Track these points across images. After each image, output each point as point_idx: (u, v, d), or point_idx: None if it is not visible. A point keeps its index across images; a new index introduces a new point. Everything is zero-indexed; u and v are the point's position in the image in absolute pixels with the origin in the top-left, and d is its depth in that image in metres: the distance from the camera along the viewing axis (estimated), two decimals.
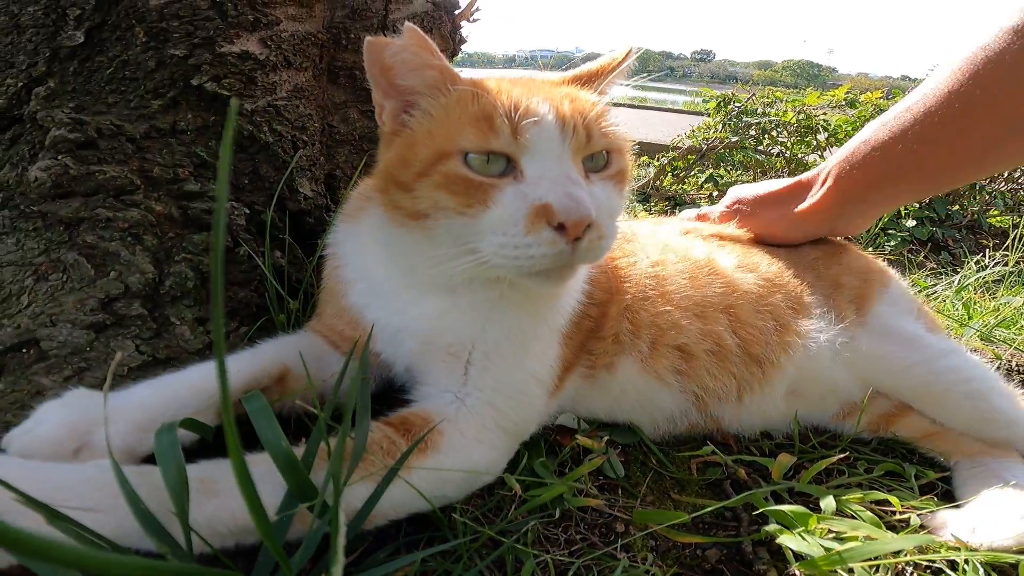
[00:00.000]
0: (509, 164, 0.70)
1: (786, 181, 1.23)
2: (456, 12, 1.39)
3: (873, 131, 1.09)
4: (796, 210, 1.18)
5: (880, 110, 4.08)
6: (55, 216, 0.92)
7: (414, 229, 0.74)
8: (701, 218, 1.29)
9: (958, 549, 0.75)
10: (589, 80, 0.84)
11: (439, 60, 0.73)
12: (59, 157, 0.93)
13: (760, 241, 1.19)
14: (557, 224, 0.65)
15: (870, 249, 3.55)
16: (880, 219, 3.93)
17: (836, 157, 1.15)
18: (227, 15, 1.04)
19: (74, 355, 0.80)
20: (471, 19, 1.42)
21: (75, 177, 0.93)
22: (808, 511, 0.75)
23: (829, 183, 1.15)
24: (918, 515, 0.84)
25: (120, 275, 0.89)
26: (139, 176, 0.98)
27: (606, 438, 0.92)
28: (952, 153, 1.01)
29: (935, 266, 3.27)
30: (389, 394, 0.96)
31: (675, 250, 1.05)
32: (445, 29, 1.36)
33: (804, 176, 1.22)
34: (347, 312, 0.87)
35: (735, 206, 1.25)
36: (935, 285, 2.49)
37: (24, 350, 0.81)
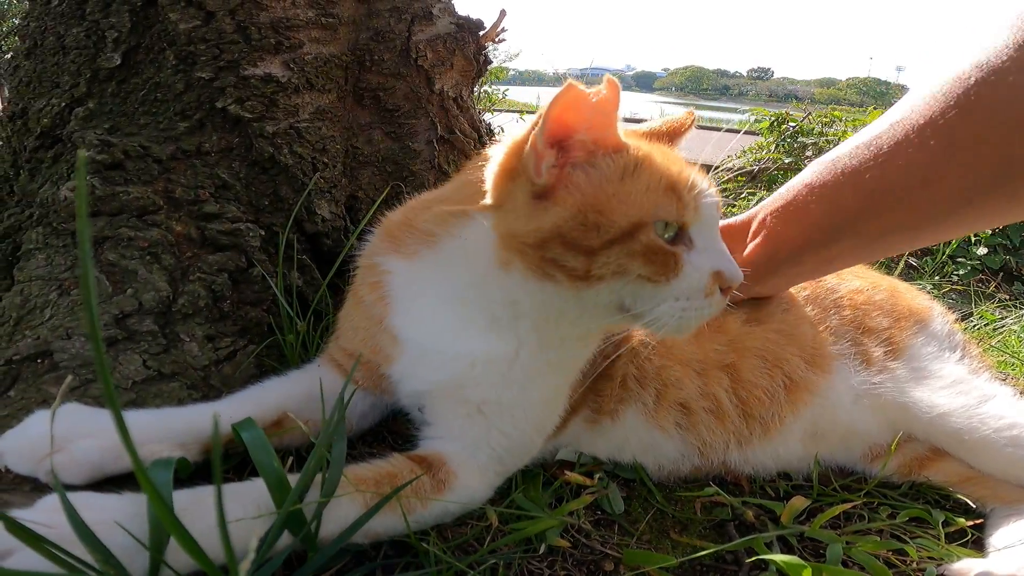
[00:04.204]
0: (678, 233, 0.73)
1: None
2: (481, 33, 1.40)
3: (818, 171, 0.88)
4: None
5: None
6: None
7: (564, 287, 0.72)
8: None
9: None
10: (676, 135, 0.90)
11: (616, 119, 0.72)
12: (87, 178, 0.98)
13: None
14: (725, 287, 0.74)
15: (936, 278, 3.37)
16: (949, 245, 3.70)
17: (772, 201, 0.95)
18: (251, 38, 1.07)
19: (83, 367, 0.83)
20: (497, 40, 1.43)
21: (101, 197, 0.97)
22: (802, 562, 0.69)
23: (761, 235, 0.95)
24: (937, 566, 0.78)
25: (136, 292, 0.92)
26: (162, 196, 1.01)
27: (598, 475, 0.89)
28: (914, 207, 0.79)
29: (1007, 297, 3.07)
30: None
31: None
32: (469, 50, 1.37)
33: (736, 219, 1.00)
34: (383, 333, 0.85)
35: None
36: (1004, 318, 2.34)
37: (39, 360, 0.85)
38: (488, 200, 0.75)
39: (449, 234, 0.79)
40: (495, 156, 0.75)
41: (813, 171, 0.89)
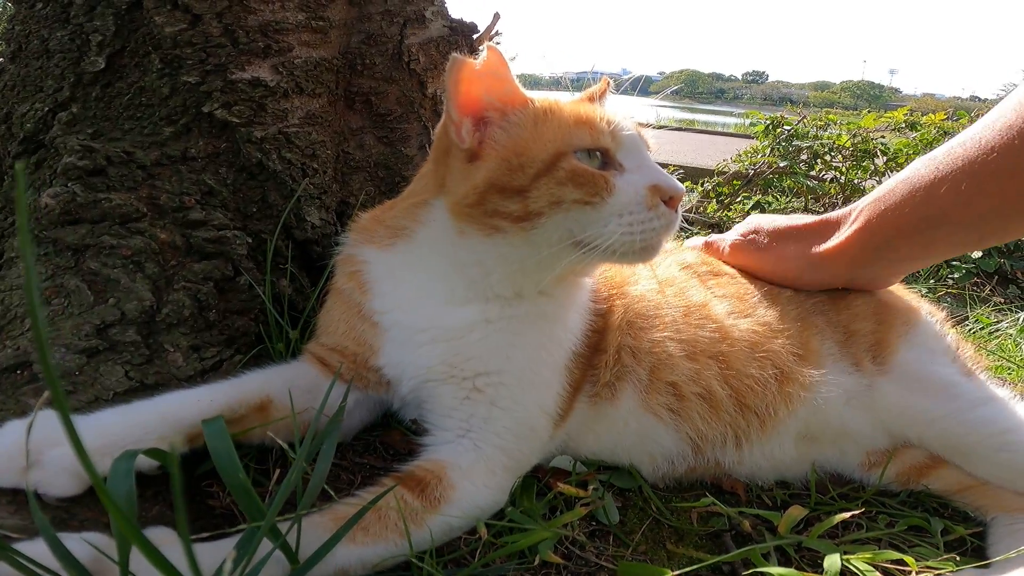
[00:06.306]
0: (604, 160, 0.79)
1: (812, 217, 1.10)
2: (475, 36, 1.39)
3: (917, 168, 0.96)
4: (816, 251, 1.05)
5: (944, 132, 3.89)
6: (63, 242, 0.95)
7: (512, 234, 0.79)
8: (709, 246, 1.17)
9: None
10: (600, 98, 0.95)
11: (511, 78, 0.81)
12: (68, 184, 0.96)
13: (769, 281, 1.07)
14: (668, 199, 0.78)
15: (931, 282, 3.37)
16: None
17: (871, 195, 1.03)
18: (238, 42, 1.05)
19: (63, 378, 0.81)
20: (491, 43, 1.41)
21: (82, 204, 0.95)
22: (799, 574, 0.68)
23: (858, 224, 1.02)
24: (936, 575, 0.76)
25: (118, 302, 0.90)
26: (146, 203, 0.99)
27: (593, 486, 0.87)
28: (1002, 199, 0.87)
29: (1002, 301, 3.07)
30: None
31: (672, 283, 1.01)
32: (463, 54, 1.35)
33: (834, 214, 1.08)
34: (364, 322, 0.88)
35: (750, 236, 1.11)
36: (999, 322, 2.33)
37: (18, 371, 0.82)
38: (436, 181, 0.85)
39: (419, 222, 0.87)
40: (432, 146, 0.87)
41: (913, 168, 0.97)
